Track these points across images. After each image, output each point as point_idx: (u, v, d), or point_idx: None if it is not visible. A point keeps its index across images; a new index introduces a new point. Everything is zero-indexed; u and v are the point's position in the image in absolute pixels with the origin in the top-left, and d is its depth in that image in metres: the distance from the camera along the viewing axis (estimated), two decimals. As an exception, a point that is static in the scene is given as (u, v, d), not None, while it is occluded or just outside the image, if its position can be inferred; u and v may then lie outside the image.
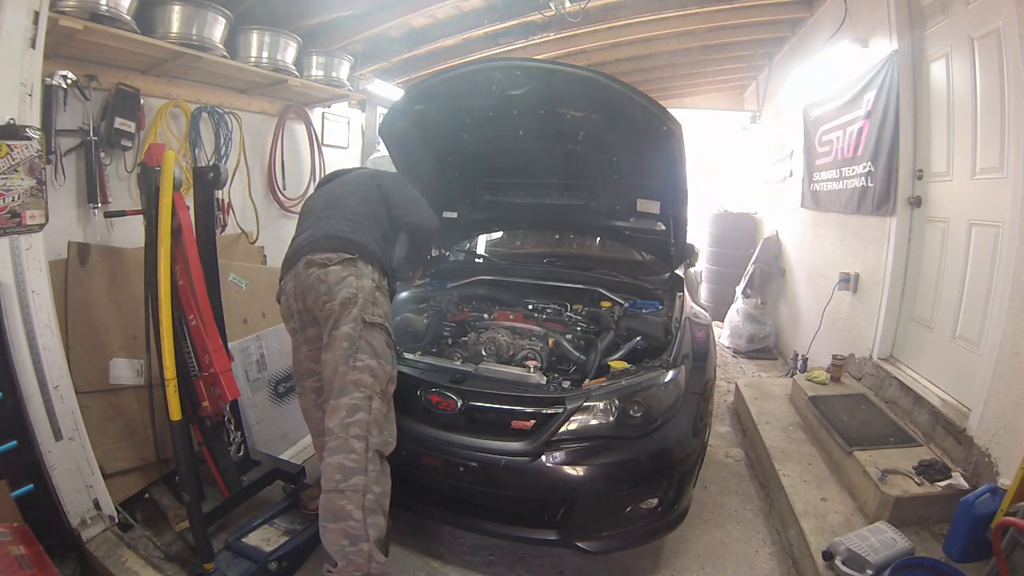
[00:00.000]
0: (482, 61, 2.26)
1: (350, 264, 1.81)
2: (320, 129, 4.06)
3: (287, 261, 1.94)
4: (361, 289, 1.78)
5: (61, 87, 2.21)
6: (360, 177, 2.22)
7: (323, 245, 1.86)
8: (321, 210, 2.03)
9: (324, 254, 1.83)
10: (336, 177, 2.32)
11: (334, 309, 1.74)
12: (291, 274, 1.89)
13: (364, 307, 1.76)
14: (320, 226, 1.93)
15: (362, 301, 1.76)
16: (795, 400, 3.02)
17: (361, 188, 2.12)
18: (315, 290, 1.79)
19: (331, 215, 1.97)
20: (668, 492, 1.82)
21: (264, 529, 2.07)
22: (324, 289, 1.77)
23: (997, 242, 2.15)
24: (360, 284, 1.79)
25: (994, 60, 2.15)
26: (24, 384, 1.77)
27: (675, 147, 2.12)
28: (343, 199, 2.05)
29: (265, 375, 2.71)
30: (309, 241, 1.89)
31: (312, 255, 1.84)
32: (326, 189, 2.20)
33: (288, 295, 1.91)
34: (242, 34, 2.94)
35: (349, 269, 1.80)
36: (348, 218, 1.95)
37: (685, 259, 2.75)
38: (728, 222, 5.37)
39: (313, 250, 1.85)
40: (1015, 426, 1.86)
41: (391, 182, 2.22)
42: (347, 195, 2.07)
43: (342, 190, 2.11)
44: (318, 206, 2.07)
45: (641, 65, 4.94)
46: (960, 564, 1.71)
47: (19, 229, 1.73)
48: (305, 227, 2.01)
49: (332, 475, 1.61)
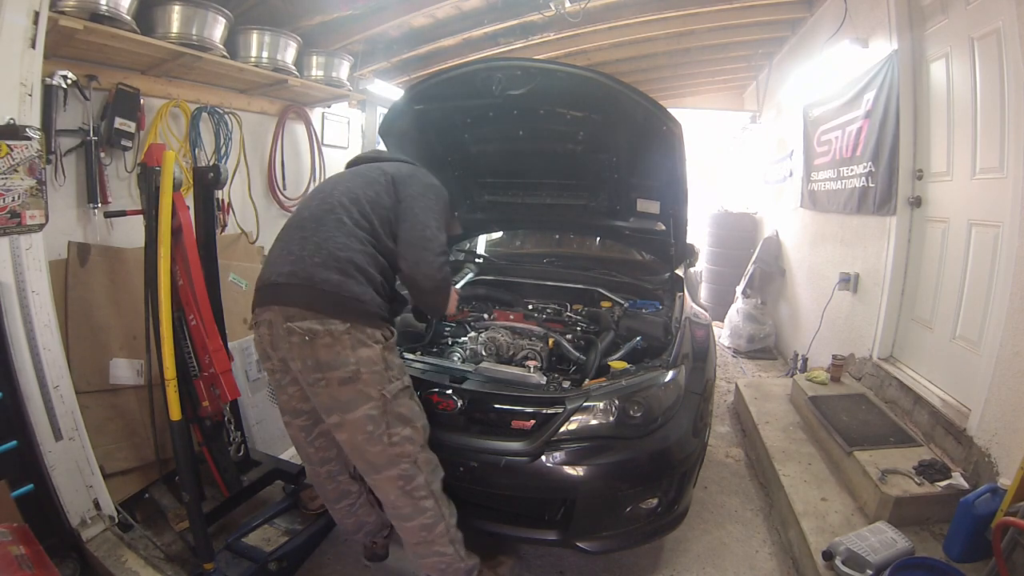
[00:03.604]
0: (482, 61, 2.25)
1: (344, 335, 1.46)
2: (320, 129, 4.07)
3: (261, 291, 1.59)
4: (362, 362, 1.47)
5: (61, 87, 2.21)
6: (369, 175, 1.77)
7: (303, 299, 1.48)
8: (309, 220, 1.62)
9: (306, 320, 1.46)
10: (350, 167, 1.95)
11: (331, 392, 1.49)
12: (265, 321, 1.55)
13: (373, 382, 1.49)
14: (303, 259, 1.52)
15: (368, 376, 1.48)
16: (795, 400, 3.02)
17: (366, 191, 1.70)
18: (300, 361, 1.50)
19: (318, 239, 1.55)
20: (668, 492, 1.82)
21: (264, 529, 2.07)
22: (312, 364, 1.47)
23: (997, 242, 2.15)
24: (359, 356, 1.47)
25: (994, 60, 2.14)
26: (24, 384, 1.77)
27: (675, 147, 2.12)
28: (336, 211, 1.61)
29: (265, 375, 2.71)
30: (286, 280, 1.52)
31: (291, 316, 1.48)
32: (325, 186, 1.79)
33: (263, 339, 1.60)
34: (242, 34, 2.94)
35: (342, 342, 1.46)
36: (339, 250, 1.53)
37: (685, 259, 2.75)
38: (728, 222, 5.37)
39: (290, 301, 1.50)
40: (1015, 426, 1.86)
41: (409, 184, 1.77)
42: (344, 204, 1.63)
43: (341, 194, 1.68)
44: (306, 213, 1.67)
45: (641, 65, 4.94)
46: (960, 564, 1.71)
47: (19, 229, 1.73)
48: (287, 242, 1.61)
49: (416, 534, 1.61)
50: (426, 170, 1.91)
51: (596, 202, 2.73)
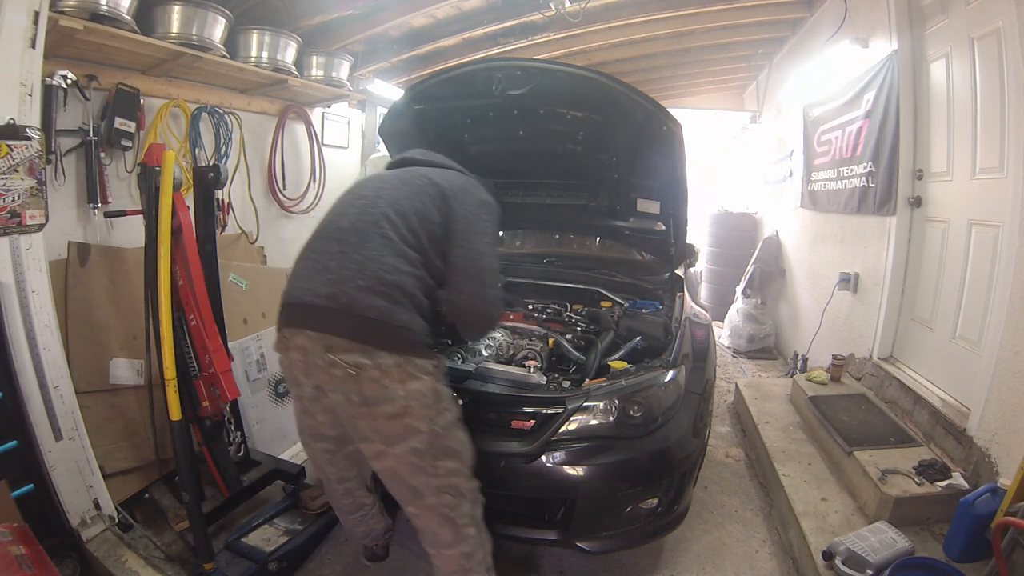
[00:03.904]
0: (482, 61, 2.25)
1: (393, 368, 1.33)
2: (320, 129, 4.07)
3: (292, 312, 1.43)
4: (412, 396, 1.35)
5: (61, 87, 2.21)
6: (415, 183, 1.59)
7: (346, 328, 1.33)
8: (350, 233, 1.44)
9: (351, 353, 1.31)
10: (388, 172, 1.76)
11: (375, 426, 1.38)
12: (298, 347, 1.39)
13: (423, 415, 1.37)
14: (344, 280, 1.36)
15: (417, 409, 1.36)
16: (795, 400, 3.02)
17: (414, 202, 1.52)
18: (341, 395, 1.37)
19: (361, 257, 1.39)
20: (668, 492, 1.82)
21: (264, 529, 2.07)
22: (356, 399, 1.35)
23: (997, 242, 2.15)
24: (409, 390, 1.35)
25: (994, 60, 2.14)
26: (24, 384, 1.77)
27: (675, 147, 2.12)
28: (381, 224, 1.44)
29: (265, 375, 2.71)
30: (324, 303, 1.35)
31: (332, 346, 1.33)
32: (365, 192, 1.57)
33: (294, 365, 1.44)
34: (242, 34, 2.94)
35: (391, 375, 1.33)
36: (387, 272, 1.38)
37: (685, 259, 2.75)
38: (728, 222, 5.37)
39: (331, 329, 1.34)
40: (1015, 426, 1.86)
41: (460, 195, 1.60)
42: (390, 217, 1.45)
43: (386, 204, 1.49)
44: (345, 223, 1.48)
45: (641, 65, 4.94)
46: (960, 564, 1.71)
47: (19, 229, 1.73)
48: (321, 256, 1.44)
49: (455, 562, 1.52)
50: (475, 179, 1.76)
51: (596, 202, 2.73)
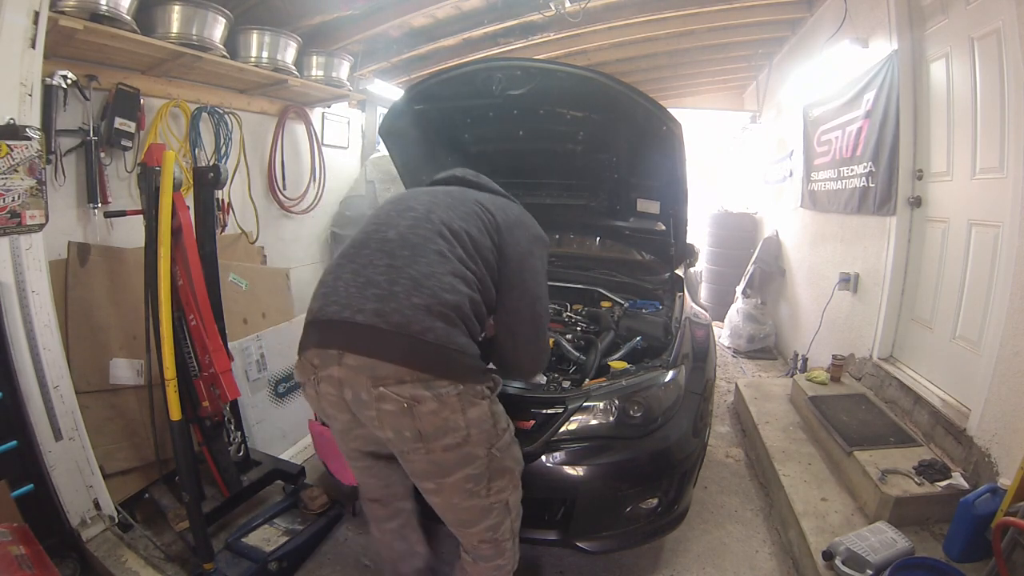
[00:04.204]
0: (482, 61, 2.25)
1: (453, 398, 1.21)
2: (320, 129, 4.07)
3: (325, 329, 1.26)
4: (472, 424, 1.26)
5: (61, 87, 2.21)
6: (467, 206, 1.46)
7: (399, 352, 1.19)
8: (399, 245, 1.31)
9: (406, 383, 1.18)
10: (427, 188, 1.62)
11: (432, 459, 1.28)
12: (333, 379, 1.24)
13: (482, 441, 1.29)
14: (395, 296, 1.22)
15: (477, 436, 1.28)
16: (795, 400, 3.02)
17: (467, 225, 1.40)
18: (393, 431, 1.24)
19: (415, 272, 1.25)
20: (668, 492, 1.82)
21: (264, 529, 2.07)
22: (411, 435, 1.23)
23: (997, 242, 2.15)
24: (469, 418, 1.25)
25: (994, 60, 2.14)
26: (24, 384, 1.77)
27: (675, 147, 2.12)
28: (436, 240, 1.32)
29: (265, 375, 2.71)
30: (369, 321, 1.20)
31: (382, 377, 1.18)
32: (416, 204, 1.44)
33: (325, 399, 1.30)
34: (242, 34, 2.94)
35: (451, 406, 1.22)
36: (446, 291, 1.25)
37: (685, 259, 2.75)
38: (728, 222, 5.37)
39: (379, 353, 1.19)
40: (1015, 426, 1.86)
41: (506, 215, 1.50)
42: (445, 235, 1.34)
43: (439, 220, 1.37)
44: (393, 235, 1.34)
45: (641, 65, 4.94)
46: (960, 564, 1.71)
47: (19, 229, 1.73)
48: (364, 268, 1.29)
49: (488, 573, 1.51)
50: (524, 209, 1.64)
51: (596, 202, 2.74)
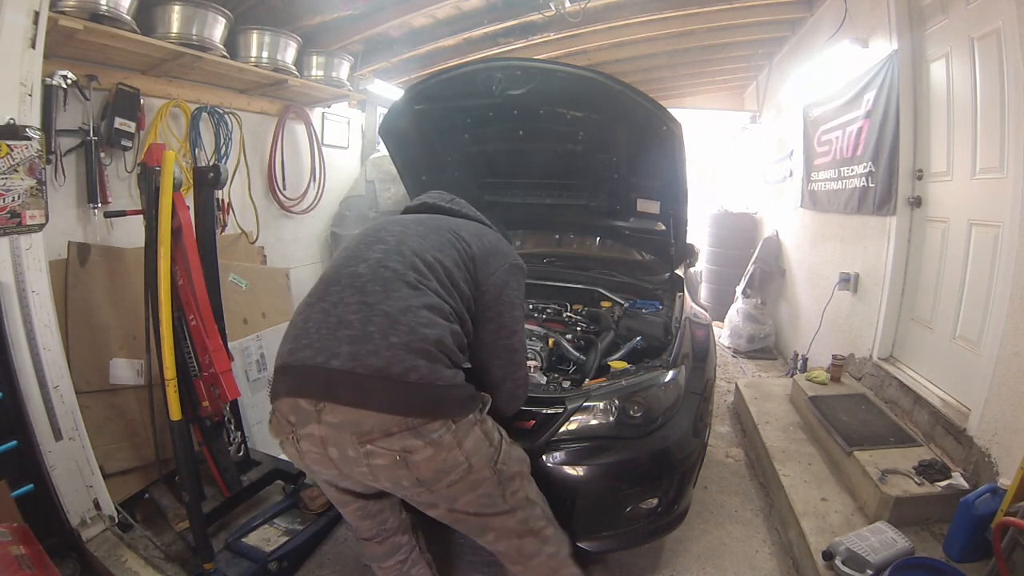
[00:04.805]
0: (482, 61, 2.25)
1: (446, 436, 1.16)
2: (320, 129, 4.07)
3: (295, 376, 1.18)
4: (471, 454, 1.22)
5: (61, 87, 2.21)
6: (442, 236, 1.41)
7: (382, 399, 1.12)
8: (371, 281, 1.24)
9: (393, 435, 1.12)
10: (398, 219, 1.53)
11: (436, 496, 1.25)
12: (314, 438, 1.17)
13: (484, 464, 1.26)
14: (370, 336, 1.14)
15: (478, 463, 1.24)
16: (795, 400, 3.02)
17: (442, 256, 1.34)
18: (389, 482, 1.21)
19: (389, 308, 1.18)
20: (668, 492, 1.82)
21: (264, 529, 2.07)
22: (409, 483, 1.20)
23: (997, 242, 2.15)
24: (467, 449, 1.20)
25: (994, 60, 2.14)
26: (24, 384, 1.77)
27: (675, 147, 2.12)
28: (407, 274, 1.25)
29: (265, 375, 2.71)
30: (345, 366, 1.12)
31: (367, 432, 1.12)
32: (386, 236, 1.37)
33: (307, 456, 1.22)
34: (242, 34, 2.94)
35: (446, 445, 1.16)
36: (425, 326, 1.18)
37: (685, 259, 2.75)
38: (728, 222, 5.36)
39: (359, 402, 1.12)
40: (1015, 426, 1.86)
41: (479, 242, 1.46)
42: (417, 267, 1.28)
43: (411, 252, 1.31)
44: (363, 269, 1.27)
45: (641, 65, 4.94)
46: (960, 564, 1.71)
47: (19, 229, 1.73)
48: (335, 307, 1.22)
49: (546, 565, 1.46)
50: (500, 234, 1.61)
51: (596, 202, 2.73)
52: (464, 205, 1.68)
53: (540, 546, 1.43)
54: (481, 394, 1.32)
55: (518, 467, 1.40)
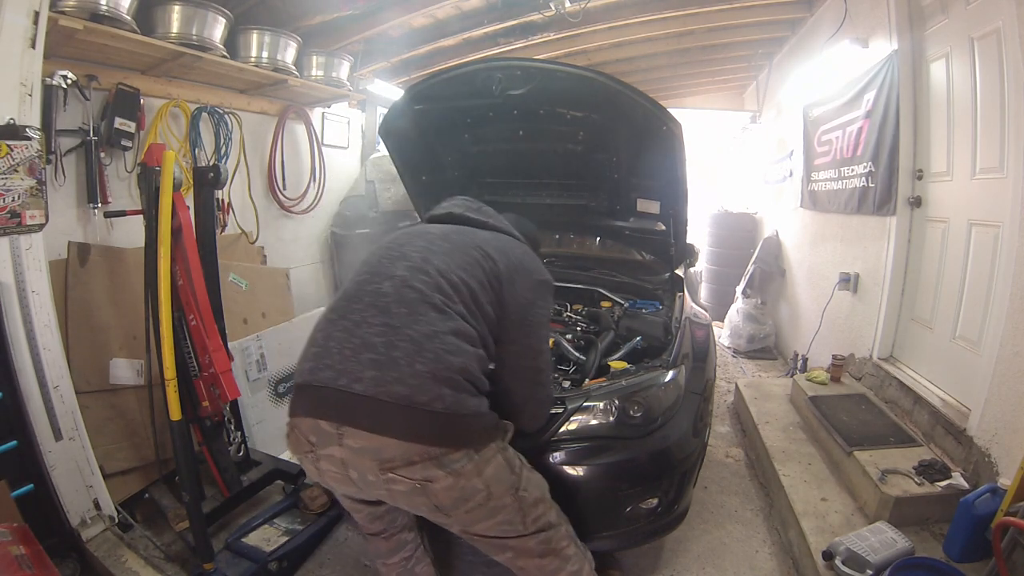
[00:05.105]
0: (482, 61, 2.25)
1: (467, 466, 1.16)
2: (320, 129, 4.07)
3: (315, 398, 1.17)
4: (491, 482, 1.21)
5: (61, 87, 2.21)
6: (468, 253, 1.36)
7: (405, 427, 1.11)
8: (395, 302, 1.21)
9: (415, 464, 1.12)
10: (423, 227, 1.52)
11: (456, 520, 1.26)
12: (335, 459, 1.17)
13: (504, 491, 1.25)
14: (395, 362, 1.13)
15: (498, 490, 1.23)
16: (795, 400, 3.02)
17: (466, 276, 1.30)
18: (407, 505, 1.24)
19: (415, 333, 1.16)
20: (668, 492, 1.82)
21: (264, 529, 2.07)
22: (428, 509, 1.22)
23: (997, 242, 2.15)
24: (487, 478, 1.20)
25: (994, 60, 2.14)
26: (24, 384, 1.77)
27: (675, 147, 2.12)
28: (432, 296, 1.22)
29: (265, 375, 2.71)
30: (368, 391, 1.11)
31: (389, 460, 1.12)
32: (410, 251, 1.34)
33: (326, 475, 1.23)
34: (242, 34, 2.94)
35: (466, 474, 1.16)
36: (451, 353, 1.16)
37: (685, 259, 2.75)
38: (728, 222, 5.36)
39: (382, 428, 1.11)
40: (1015, 426, 1.86)
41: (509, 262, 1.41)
42: (442, 288, 1.24)
43: (436, 272, 1.27)
44: (388, 287, 1.24)
45: (641, 65, 4.94)
46: (960, 564, 1.71)
47: (19, 229, 1.74)
48: (358, 328, 1.19)
49: None
50: (528, 247, 1.56)
51: (596, 202, 2.73)
52: (491, 214, 1.63)
53: (562, 564, 1.43)
54: (504, 422, 1.31)
55: (539, 492, 1.38)
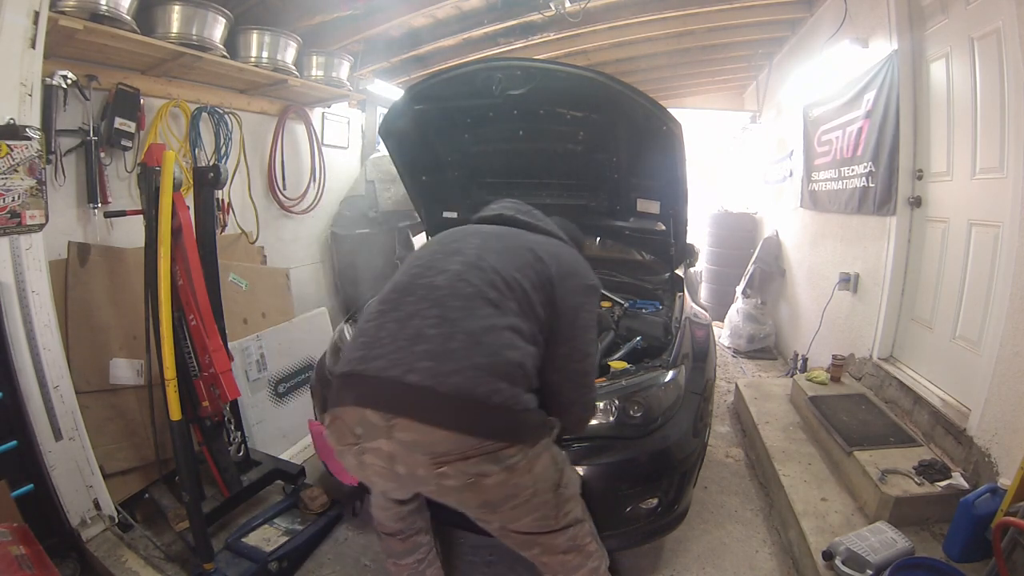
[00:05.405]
0: (482, 61, 2.25)
1: (521, 462, 1.15)
2: (320, 129, 4.07)
3: (366, 385, 1.14)
4: (539, 479, 1.22)
5: (61, 87, 2.21)
6: (520, 255, 1.37)
7: (462, 420, 1.09)
8: (450, 296, 1.21)
9: (470, 458, 1.09)
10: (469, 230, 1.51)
11: (499, 517, 1.26)
12: (382, 453, 1.13)
13: (548, 487, 1.26)
14: (452, 353, 1.12)
15: (543, 487, 1.24)
16: (795, 400, 3.02)
17: (520, 276, 1.30)
18: (456, 502, 1.21)
19: (472, 326, 1.16)
20: (668, 492, 1.82)
21: (264, 529, 2.07)
22: (476, 505, 1.20)
23: (997, 242, 2.15)
24: (536, 474, 1.20)
25: (994, 60, 2.14)
26: (24, 384, 1.77)
27: (675, 147, 2.12)
28: (487, 292, 1.22)
29: (265, 375, 2.71)
30: (425, 382, 1.09)
31: (442, 454, 1.09)
32: (465, 248, 1.36)
33: (369, 468, 1.19)
34: (242, 34, 2.94)
35: (519, 471, 1.15)
36: (507, 348, 1.16)
37: (685, 259, 2.75)
38: (728, 222, 5.36)
39: (437, 420, 1.08)
40: (1015, 426, 1.86)
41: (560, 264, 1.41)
42: (497, 285, 1.24)
43: (491, 269, 1.27)
44: (442, 281, 1.25)
45: (641, 65, 4.94)
46: (960, 564, 1.71)
47: (19, 229, 1.74)
48: (411, 319, 1.19)
49: None
50: (577, 252, 1.56)
51: (596, 202, 2.74)
52: (539, 217, 1.63)
53: (584, 561, 1.43)
54: (551, 419, 1.30)
55: (575, 488, 1.39)
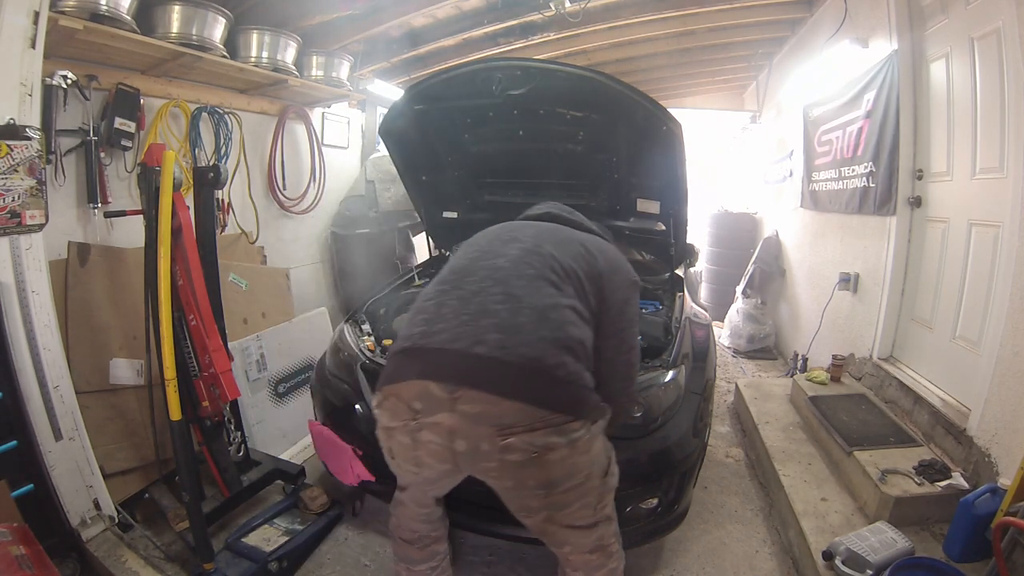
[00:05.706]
0: (482, 61, 2.25)
1: (583, 438, 1.14)
2: (320, 129, 4.07)
3: (430, 357, 1.12)
4: (595, 462, 1.22)
5: (61, 87, 2.21)
6: (571, 247, 1.41)
7: (534, 392, 1.08)
8: (514, 276, 1.23)
9: (537, 431, 1.07)
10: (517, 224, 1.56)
11: (550, 500, 1.21)
12: (441, 427, 1.10)
13: (599, 472, 1.26)
14: (520, 327, 1.12)
15: (596, 471, 1.25)
16: (795, 400, 3.02)
17: (574, 265, 1.33)
18: (513, 480, 1.16)
19: (537, 303, 1.17)
20: (668, 492, 1.82)
21: (264, 529, 2.07)
22: (534, 484, 1.16)
23: (997, 242, 2.15)
24: (592, 456, 1.20)
25: (994, 60, 2.14)
26: (24, 384, 1.77)
27: (675, 147, 2.12)
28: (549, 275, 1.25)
29: (265, 375, 2.71)
30: (493, 353, 1.08)
31: (510, 424, 1.06)
32: (523, 235, 1.41)
33: (423, 447, 1.14)
34: (242, 34, 2.94)
35: (579, 448, 1.14)
36: (571, 325, 1.18)
37: (685, 259, 2.75)
38: (728, 222, 5.36)
39: (507, 391, 1.06)
40: (1015, 426, 1.86)
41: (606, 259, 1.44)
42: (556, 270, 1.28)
43: (550, 256, 1.31)
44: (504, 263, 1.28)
45: (641, 65, 4.94)
46: (960, 564, 1.71)
47: (19, 229, 1.73)
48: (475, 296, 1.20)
49: None
50: (619, 250, 1.58)
51: (596, 202, 2.73)
52: (583, 218, 1.68)
53: (605, 561, 1.44)
54: (604, 404, 1.29)
55: (616, 481, 1.38)
